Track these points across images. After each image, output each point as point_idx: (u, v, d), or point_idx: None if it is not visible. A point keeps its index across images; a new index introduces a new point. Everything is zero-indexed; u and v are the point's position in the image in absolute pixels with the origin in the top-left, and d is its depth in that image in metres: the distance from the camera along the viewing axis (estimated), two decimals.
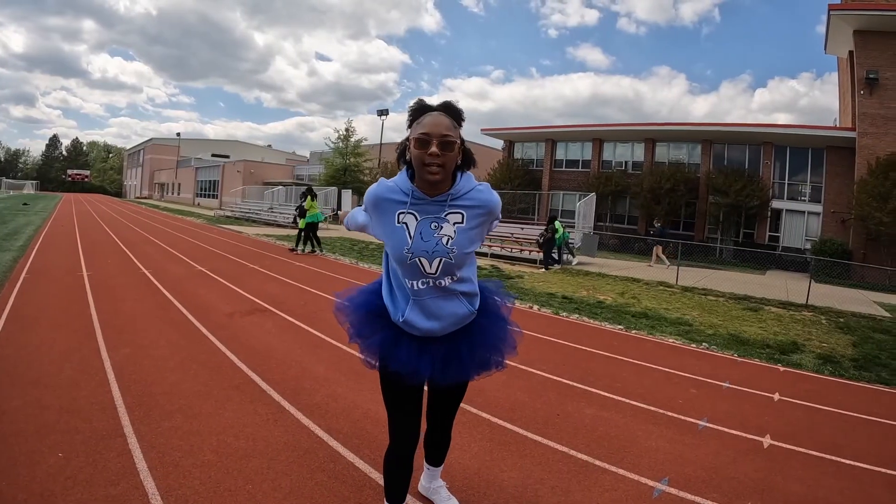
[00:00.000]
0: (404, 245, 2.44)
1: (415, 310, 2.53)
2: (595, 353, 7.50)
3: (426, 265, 2.45)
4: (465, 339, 2.66)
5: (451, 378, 2.66)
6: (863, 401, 6.36)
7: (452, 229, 2.46)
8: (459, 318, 2.61)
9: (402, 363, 2.55)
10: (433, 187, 2.44)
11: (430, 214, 2.46)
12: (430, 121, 2.36)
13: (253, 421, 4.42)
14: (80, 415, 4.31)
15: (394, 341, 2.60)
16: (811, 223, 29.86)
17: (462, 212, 2.48)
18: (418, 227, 2.45)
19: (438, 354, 2.60)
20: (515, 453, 4.18)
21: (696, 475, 4.05)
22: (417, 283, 2.49)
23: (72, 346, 6.18)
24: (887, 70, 25.75)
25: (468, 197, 2.50)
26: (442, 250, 2.44)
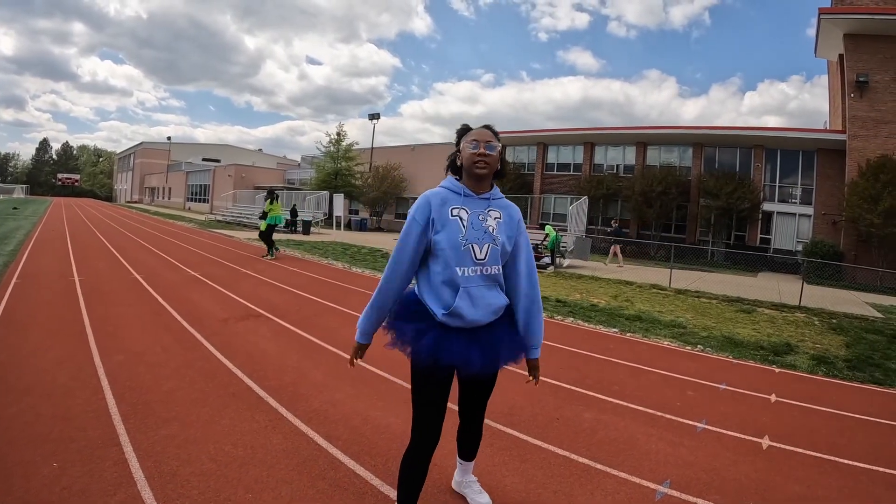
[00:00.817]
0: (459, 233, 2.84)
1: (464, 298, 2.82)
2: (591, 357, 7.50)
3: (477, 251, 2.85)
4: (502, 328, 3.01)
5: (494, 366, 2.99)
6: (858, 401, 6.38)
7: (495, 223, 2.93)
8: (497, 308, 2.95)
9: (455, 354, 2.83)
10: (479, 185, 2.97)
11: (477, 209, 2.92)
12: (477, 131, 2.96)
13: (251, 428, 4.38)
14: (74, 423, 4.27)
15: (443, 336, 2.84)
16: (802, 225, 29.94)
17: (500, 210, 2.99)
18: (469, 218, 2.88)
19: (486, 343, 2.91)
20: (516, 458, 4.16)
21: (697, 477, 4.05)
22: (468, 271, 2.84)
23: (65, 352, 6.12)
24: (877, 73, 25.88)
25: (504, 202, 3.06)
26: (489, 237, 2.88)
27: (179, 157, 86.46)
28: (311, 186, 48.15)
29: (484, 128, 3.02)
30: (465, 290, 2.82)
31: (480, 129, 3.01)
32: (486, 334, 2.92)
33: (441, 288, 2.86)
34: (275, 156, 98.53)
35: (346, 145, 48.11)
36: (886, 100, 25.68)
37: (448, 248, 2.83)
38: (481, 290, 2.87)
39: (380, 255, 19.40)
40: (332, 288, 12.09)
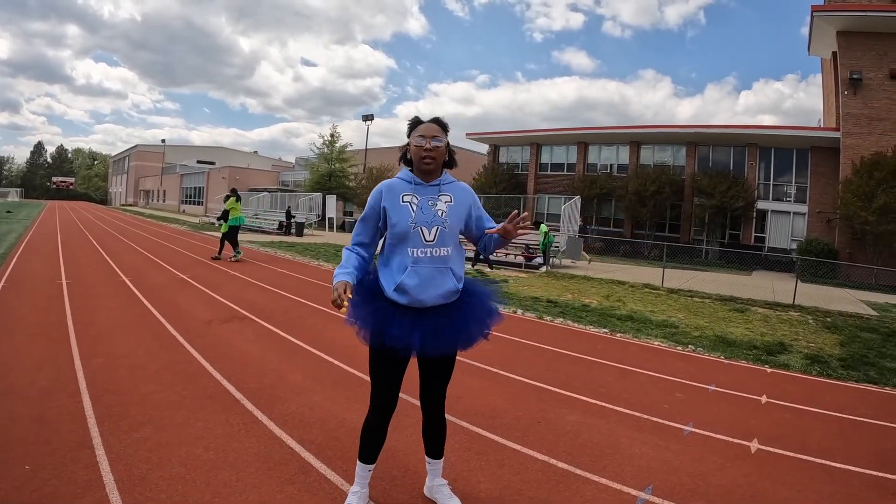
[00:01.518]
0: (409, 217, 3.03)
1: (411, 275, 3.00)
2: (579, 358, 7.40)
3: (426, 233, 3.03)
4: (453, 313, 3.13)
5: (441, 349, 3.09)
6: (852, 401, 6.28)
7: (445, 206, 3.13)
8: (446, 292, 3.09)
9: (395, 337, 2.97)
10: (428, 175, 3.17)
11: (428, 195, 3.13)
12: (425, 126, 3.15)
13: (224, 432, 4.28)
14: (49, 426, 4.19)
15: (388, 317, 3.01)
16: (796, 223, 29.99)
17: (450, 194, 3.19)
18: (419, 203, 3.08)
19: (429, 328, 3.01)
20: (493, 463, 4.06)
21: (682, 483, 3.93)
22: (417, 251, 3.02)
23: (46, 355, 6.03)
24: (870, 70, 25.91)
25: (453, 186, 3.26)
26: (438, 220, 3.07)
27: (174, 159, 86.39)
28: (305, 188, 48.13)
29: (432, 122, 3.20)
30: (414, 269, 3.01)
31: (428, 123, 3.18)
32: (432, 319, 3.05)
33: (393, 267, 3.07)
34: (270, 158, 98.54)
35: (339, 146, 48.12)
36: (880, 97, 25.72)
37: (398, 232, 3.04)
38: (430, 271, 3.03)
39: None
40: (321, 290, 11.97)
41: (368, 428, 3.23)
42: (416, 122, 3.21)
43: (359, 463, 3.28)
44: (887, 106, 25.65)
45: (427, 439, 3.42)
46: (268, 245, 23.34)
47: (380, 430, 3.22)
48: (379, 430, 3.22)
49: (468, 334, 3.20)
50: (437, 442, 3.41)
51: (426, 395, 3.33)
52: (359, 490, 3.26)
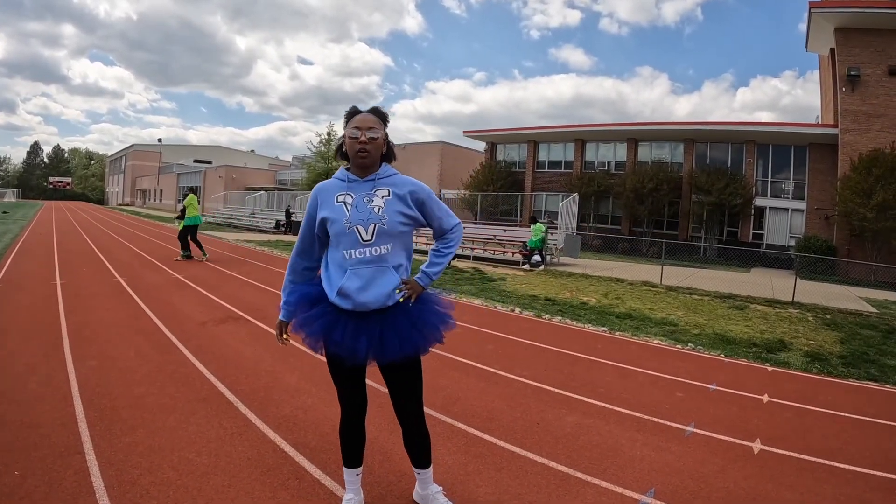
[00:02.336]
0: (344, 217, 2.90)
1: (351, 278, 2.88)
2: (578, 357, 7.33)
3: (363, 232, 2.89)
4: (400, 318, 2.97)
5: (389, 356, 2.92)
6: (853, 400, 6.24)
7: (381, 201, 2.94)
8: (388, 293, 2.94)
9: (338, 344, 2.89)
10: (364, 170, 3.01)
11: (363, 192, 2.97)
12: (360, 118, 2.98)
13: (217, 436, 4.21)
14: (40, 431, 4.12)
15: (332, 324, 2.91)
16: (795, 220, 29.96)
17: (388, 188, 3.00)
18: (354, 202, 2.93)
19: (375, 333, 2.90)
20: (491, 466, 3.98)
21: (684, 485, 3.87)
22: (355, 252, 2.90)
23: (38, 358, 5.95)
24: (868, 67, 25.88)
25: (392, 180, 3.05)
26: (375, 217, 2.91)
27: (171, 159, 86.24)
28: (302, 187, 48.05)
29: (369, 112, 3.05)
30: (353, 271, 2.90)
31: (364, 113, 3.03)
32: (378, 323, 2.94)
33: (334, 270, 2.98)
34: (266, 157, 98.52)
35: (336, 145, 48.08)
36: (878, 93, 25.70)
37: (335, 234, 2.94)
38: (370, 272, 2.91)
39: None
40: None
41: (343, 431, 3.18)
42: (352, 113, 3.05)
43: (345, 469, 3.23)
44: (885, 102, 25.63)
45: (409, 450, 3.30)
46: (264, 244, 23.31)
47: (355, 431, 3.17)
48: (355, 432, 3.17)
49: (416, 340, 3.00)
50: (419, 452, 3.28)
51: (397, 405, 3.19)
52: (352, 497, 3.21)
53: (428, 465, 3.30)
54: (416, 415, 3.21)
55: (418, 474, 3.33)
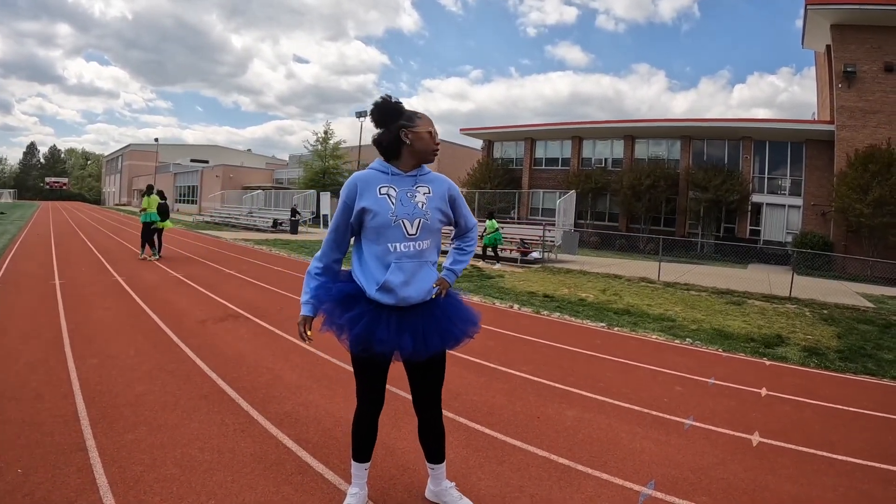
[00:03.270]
0: (389, 210, 2.90)
1: (395, 272, 2.88)
2: (577, 353, 7.36)
3: (408, 226, 2.93)
4: (438, 312, 3.03)
5: (433, 348, 2.98)
6: (851, 393, 6.27)
7: (424, 198, 3.00)
8: (429, 289, 2.99)
9: (384, 342, 2.86)
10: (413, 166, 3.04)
11: (405, 186, 2.98)
12: (427, 118, 3.03)
13: (220, 432, 4.22)
14: (42, 428, 4.12)
15: (375, 322, 2.89)
16: (792, 216, 30.00)
17: (428, 185, 3.05)
18: (398, 195, 2.94)
19: (418, 328, 2.93)
20: (493, 460, 4.01)
21: (684, 477, 3.90)
22: (400, 246, 2.92)
23: (39, 357, 5.95)
24: (864, 63, 25.94)
25: (430, 177, 3.10)
26: (419, 212, 2.95)
27: (168, 158, 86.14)
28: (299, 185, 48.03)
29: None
30: (397, 265, 2.90)
31: (427, 116, 3.07)
32: (419, 318, 2.97)
33: (373, 264, 2.95)
34: (264, 156, 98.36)
35: (333, 143, 48.05)
36: (874, 90, 25.76)
37: (378, 226, 2.91)
38: (413, 266, 2.94)
39: None
40: None
41: (358, 427, 3.17)
42: (410, 111, 3.03)
43: (353, 463, 3.22)
44: (881, 99, 25.69)
45: (425, 444, 3.32)
46: (262, 243, 23.30)
47: (370, 428, 3.17)
48: (369, 429, 3.17)
49: (455, 333, 3.08)
50: (435, 445, 3.31)
51: (420, 398, 3.24)
52: (357, 491, 3.21)
53: (442, 459, 3.34)
54: (437, 409, 3.26)
55: (432, 469, 3.36)
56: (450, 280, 3.15)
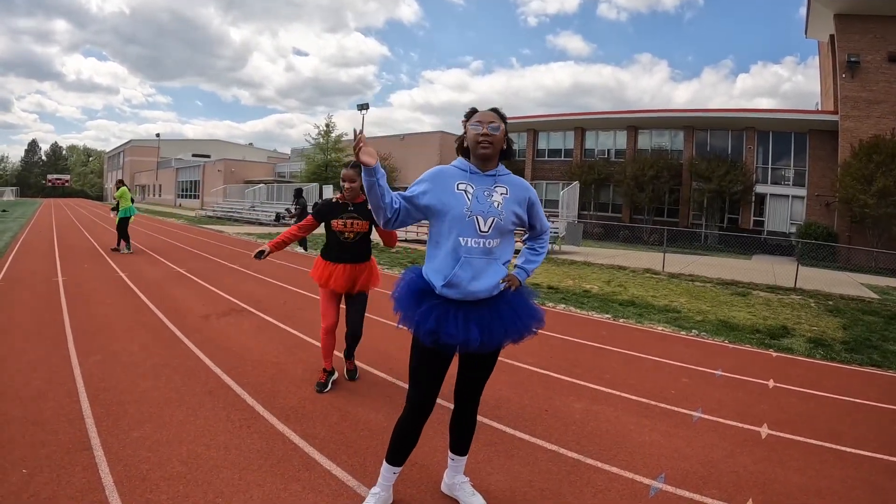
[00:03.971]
0: (464, 205, 2.97)
1: (464, 268, 2.94)
2: (583, 344, 7.33)
3: (481, 223, 2.97)
4: (504, 306, 3.08)
5: (498, 341, 3.06)
6: (857, 385, 6.25)
7: (500, 198, 3.04)
8: (496, 285, 3.03)
9: (453, 336, 2.92)
10: (484, 163, 3.08)
11: (483, 185, 3.04)
12: (481, 114, 3.07)
13: (225, 428, 4.20)
14: (46, 427, 4.10)
15: (444, 316, 2.95)
16: (795, 207, 29.93)
17: (506, 186, 3.09)
18: (475, 193, 3.00)
19: (484, 321, 2.99)
20: (502, 454, 3.99)
21: (694, 470, 3.87)
22: (471, 241, 2.96)
23: (41, 355, 5.91)
24: (868, 53, 25.81)
25: (510, 179, 3.15)
26: (494, 211, 2.99)
27: (169, 153, 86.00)
28: (301, 178, 47.99)
29: (489, 110, 3.12)
30: (467, 259, 2.95)
31: (485, 111, 3.10)
32: (487, 311, 3.02)
33: (443, 258, 3.00)
34: (265, 149, 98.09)
35: (335, 136, 47.98)
36: (878, 80, 25.64)
37: (452, 219, 2.98)
38: (482, 262, 2.98)
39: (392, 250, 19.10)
40: None
41: (403, 429, 3.16)
42: (472, 112, 3.14)
43: (385, 464, 3.21)
44: (885, 89, 25.57)
45: (455, 434, 3.35)
46: (265, 236, 23.25)
47: (415, 432, 3.15)
48: (413, 433, 3.15)
49: (517, 327, 3.11)
50: (464, 438, 3.35)
51: (463, 390, 3.27)
52: (379, 492, 3.20)
53: (466, 452, 3.38)
54: (476, 402, 3.32)
55: (453, 460, 3.39)
56: (521, 278, 3.23)
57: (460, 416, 3.31)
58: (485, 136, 2.99)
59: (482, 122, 3.01)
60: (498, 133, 3.01)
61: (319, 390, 5.07)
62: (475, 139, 3.02)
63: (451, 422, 3.35)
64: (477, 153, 3.05)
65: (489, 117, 3.04)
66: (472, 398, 3.29)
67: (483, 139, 2.99)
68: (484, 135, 2.99)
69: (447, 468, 3.44)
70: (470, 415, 3.31)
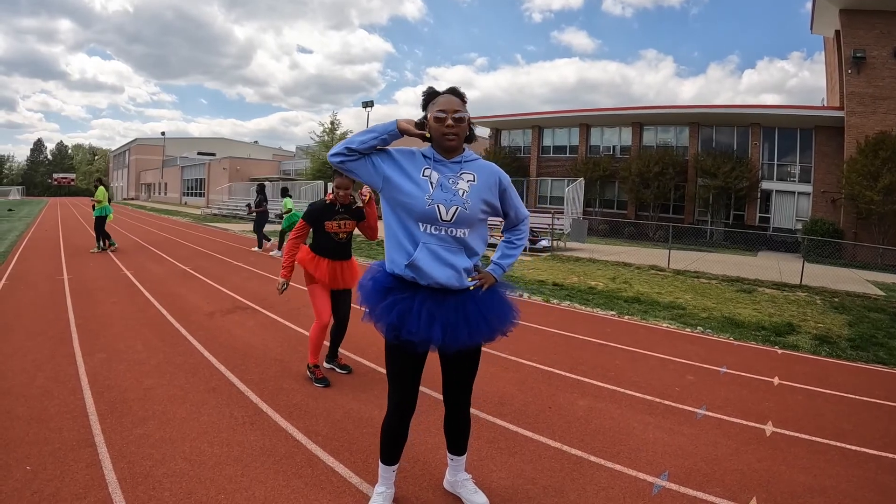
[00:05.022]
0: (426, 193, 2.82)
1: (423, 251, 2.82)
2: (587, 341, 7.32)
3: (443, 212, 2.82)
4: (471, 307, 2.94)
5: (461, 342, 2.89)
6: (863, 382, 6.21)
7: (466, 185, 2.89)
8: (459, 271, 2.89)
9: (412, 332, 2.79)
10: (449, 152, 2.92)
11: (449, 173, 2.90)
12: (444, 100, 2.87)
13: (229, 425, 4.21)
14: (50, 424, 4.12)
15: (406, 312, 2.83)
16: (801, 203, 29.80)
17: (473, 173, 2.95)
18: (439, 180, 2.86)
19: (449, 320, 2.85)
20: (505, 451, 3.98)
21: (697, 468, 3.85)
22: (430, 228, 2.84)
23: (46, 353, 5.95)
24: (874, 49, 25.68)
25: (478, 164, 3.00)
26: (458, 200, 2.85)
27: (174, 152, 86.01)
28: (306, 176, 48.00)
29: (450, 93, 2.93)
30: (425, 245, 2.84)
31: (446, 95, 2.92)
32: (453, 310, 2.89)
33: (403, 242, 2.89)
34: (270, 147, 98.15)
35: (340, 134, 48.00)
36: (884, 75, 25.50)
37: (412, 208, 2.84)
38: (443, 250, 2.86)
39: (374, 244, 19.10)
40: None
41: (388, 429, 3.10)
42: (432, 94, 2.96)
43: (382, 465, 3.17)
44: (891, 84, 25.44)
45: (449, 435, 3.28)
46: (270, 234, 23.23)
47: (399, 431, 3.09)
48: (399, 432, 3.09)
49: (483, 330, 2.97)
50: (460, 438, 3.27)
51: (449, 390, 3.18)
52: (384, 490, 3.17)
53: (463, 452, 3.31)
54: (466, 402, 3.22)
55: (452, 460, 3.33)
56: (496, 274, 3.10)
57: (452, 417, 3.24)
58: (449, 127, 2.83)
59: (446, 112, 2.83)
60: (463, 124, 2.87)
61: (325, 384, 5.13)
62: (439, 131, 2.85)
63: (445, 424, 3.28)
64: (443, 146, 2.90)
65: (453, 105, 2.85)
66: (459, 399, 3.20)
67: (448, 132, 2.84)
68: (449, 126, 2.83)
69: (448, 466, 3.40)
70: (461, 416, 3.23)
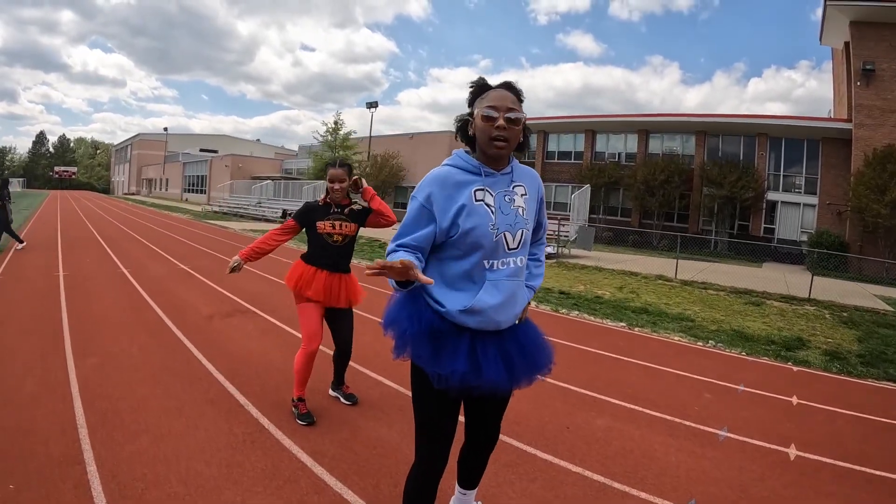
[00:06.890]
0: (489, 221, 2.28)
1: (490, 292, 2.29)
2: (600, 355, 7.11)
3: (510, 240, 2.33)
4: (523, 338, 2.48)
5: (522, 379, 2.46)
6: (879, 402, 6.07)
7: (522, 201, 2.40)
8: (520, 308, 2.45)
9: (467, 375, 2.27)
10: (498, 162, 2.37)
11: (502, 188, 2.36)
12: (495, 95, 2.30)
13: (228, 443, 3.96)
14: (37, 436, 3.88)
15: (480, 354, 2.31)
16: (806, 215, 29.68)
17: (523, 184, 2.44)
18: (496, 202, 2.31)
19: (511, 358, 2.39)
20: (524, 477, 3.74)
21: (724, 495, 3.65)
22: (498, 263, 2.32)
23: (37, 355, 5.70)
24: (883, 61, 25.55)
25: (523, 172, 2.48)
26: (521, 222, 2.37)
27: (176, 148, 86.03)
28: (308, 176, 47.84)
29: (504, 88, 2.34)
30: (493, 284, 2.30)
31: (500, 90, 2.33)
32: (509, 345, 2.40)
33: (458, 283, 2.33)
34: (272, 146, 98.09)
35: (343, 134, 47.80)
36: (893, 88, 25.37)
37: (475, 241, 2.27)
38: (512, 286, 2.35)
39: (377, 245, 18.94)
40: None
41: (414, 489, 2.52)
42: (482, 87, 2.38)
43: None
44: None
45: (464, 467, 2.87)
46: None
47: (426, 492, 2.51)
48: (425, 492, 2.51)
49: (538, 363, 2.53)
50: (477, 473, 2.87)
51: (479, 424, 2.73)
52: None
53: (476, 486, 2.94)
54: (494, 436, 2.79)
55: (464, 494, 2.94)
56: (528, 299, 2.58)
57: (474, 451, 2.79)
58: (500, 130, 2.26)
59: (497, 109, 2.25)
60: (517, 126, 2.30)
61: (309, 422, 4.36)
62: (487, 133, 2.27)
63: (462, 454, 2.82)
64: (489, 152, 2.33)
65: (507, 102, 2.27)
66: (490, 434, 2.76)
67: (499, 135, 2.26)
68: (499, 128, 2.26)
69: (454, 496, 3.01)
70: (486, 452, 2.80)
